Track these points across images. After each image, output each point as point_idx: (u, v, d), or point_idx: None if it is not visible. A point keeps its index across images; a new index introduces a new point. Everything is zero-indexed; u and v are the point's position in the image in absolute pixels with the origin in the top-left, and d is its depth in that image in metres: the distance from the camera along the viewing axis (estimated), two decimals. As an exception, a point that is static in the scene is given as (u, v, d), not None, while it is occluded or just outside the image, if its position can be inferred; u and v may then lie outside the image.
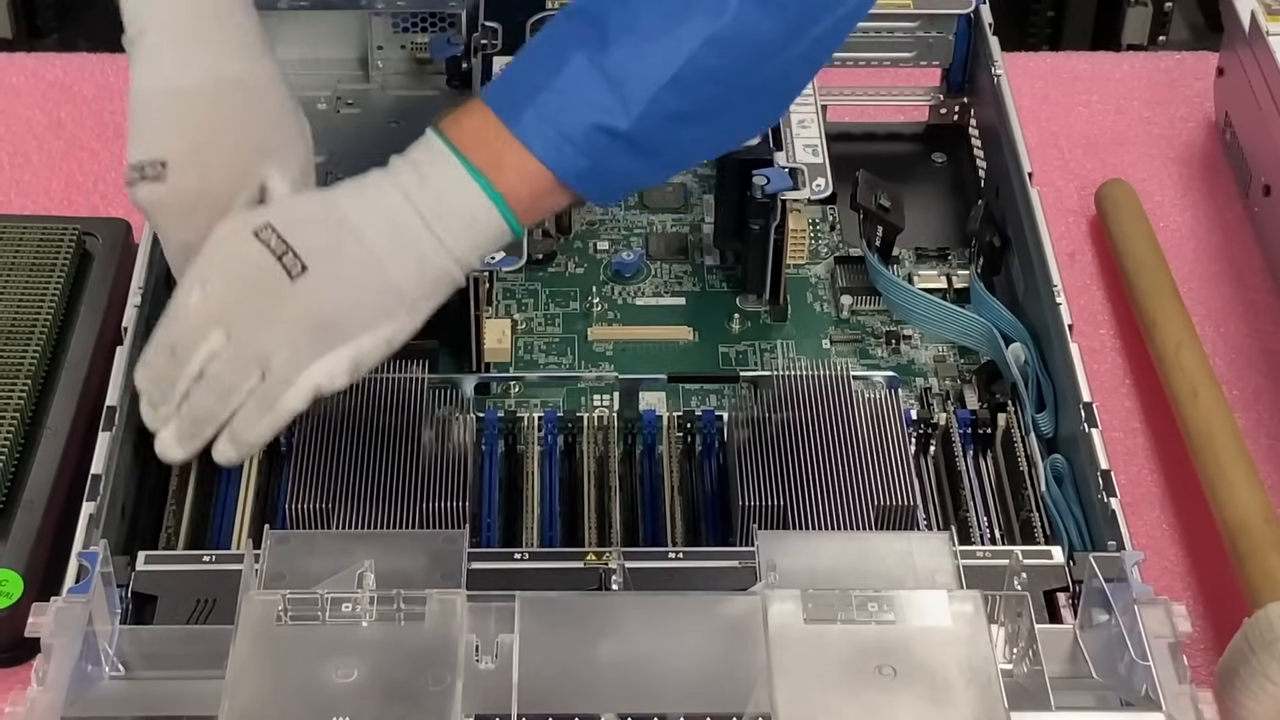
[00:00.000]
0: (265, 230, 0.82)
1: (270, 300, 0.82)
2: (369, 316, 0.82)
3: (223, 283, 0.83)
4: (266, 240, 0.82)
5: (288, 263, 0.82)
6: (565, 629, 0.77)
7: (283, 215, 0.83)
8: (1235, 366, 1.08)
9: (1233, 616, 0.86)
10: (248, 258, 0.82)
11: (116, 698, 0.78)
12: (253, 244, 0.82)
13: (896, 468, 0.91)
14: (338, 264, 0.83)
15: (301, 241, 0.82)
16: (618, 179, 0.85)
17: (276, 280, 0.82)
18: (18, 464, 0.94)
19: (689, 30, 0.81)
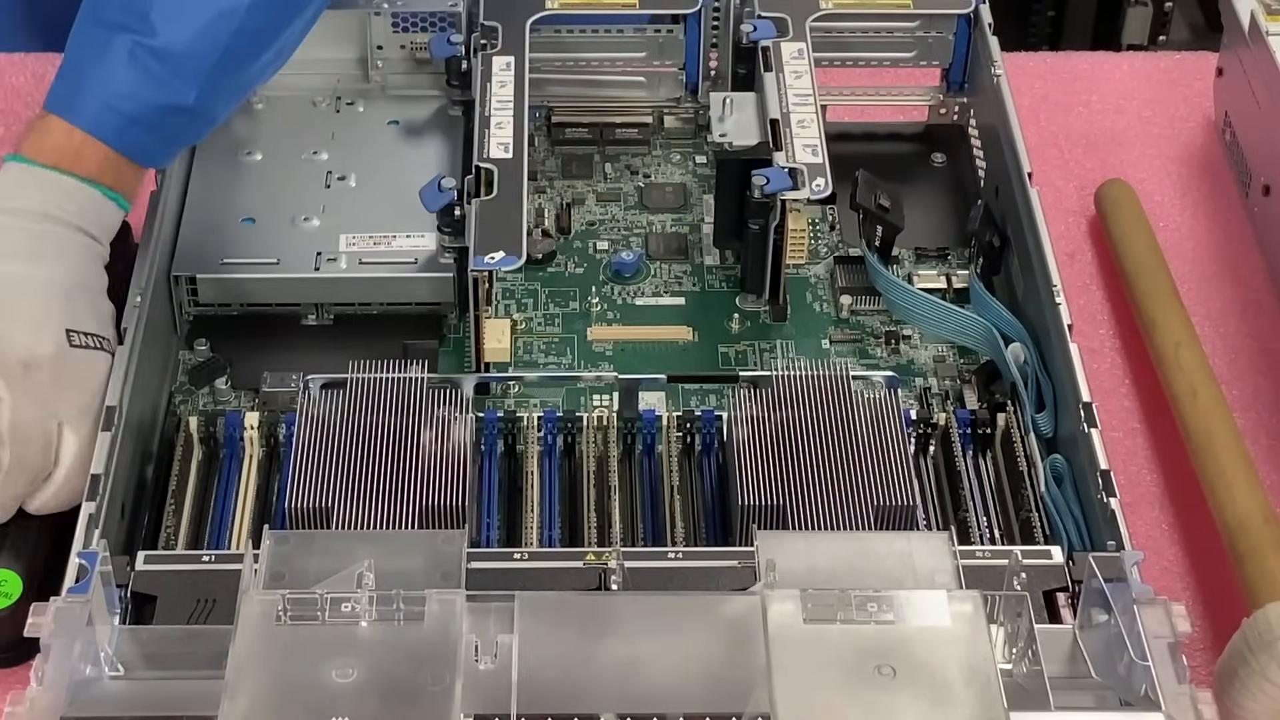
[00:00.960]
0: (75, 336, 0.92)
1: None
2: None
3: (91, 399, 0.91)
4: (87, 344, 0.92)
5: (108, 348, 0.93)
6: (565, 629, 0.77)
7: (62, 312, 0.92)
8: (1235, 366, 1.08)
9: (1232, 616, 0.86)
10: (94, 365, 0.92)
11: (116, 698, 0.78)
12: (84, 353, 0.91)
13: (896, 468, 0.91)
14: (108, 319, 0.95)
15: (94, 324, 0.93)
16: (179, 144, 1.02)
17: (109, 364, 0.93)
18: (17, 464, 0.94)
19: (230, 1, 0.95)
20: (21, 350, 0.90)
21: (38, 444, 0.89)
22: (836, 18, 1.15)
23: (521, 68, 1.10)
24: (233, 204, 1.07)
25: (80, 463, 0.90)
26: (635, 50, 1.18)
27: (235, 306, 1.05)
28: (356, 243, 1.05)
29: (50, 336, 0.91)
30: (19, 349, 0.90)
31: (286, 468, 0.92)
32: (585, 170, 1.18)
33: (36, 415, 0.89)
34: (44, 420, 0.90)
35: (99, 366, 0.92)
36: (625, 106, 1.20)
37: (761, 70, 1.09)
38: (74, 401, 0.91)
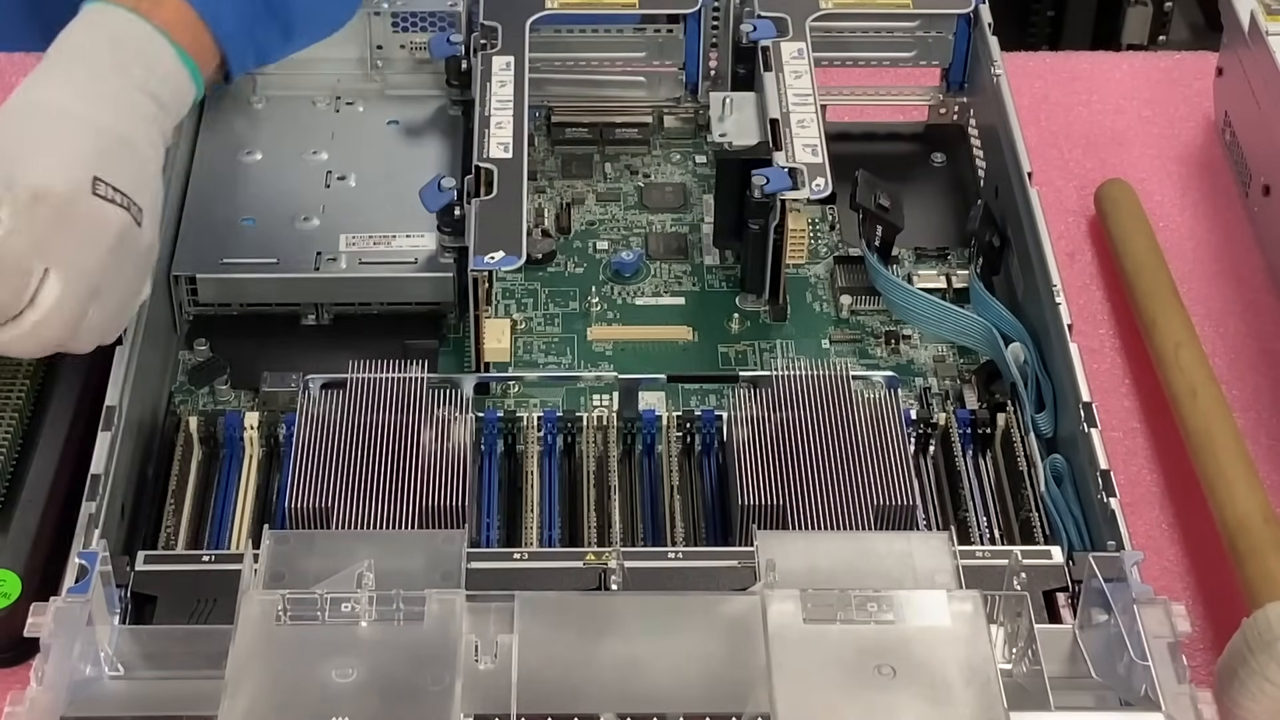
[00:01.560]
0: (99, 185, 0.84)
1: (130, 254, 0.86)
2: (160, 223, 0.90)
3: (94, 257, 0.85)
4: (109, 197, 0.84)
5: (134, 212, 0.86)
6: (565, 629, 0.78)
7: (92, 159, 0.84)
8: (1235, 366, 1.08)
9: (1232, 616, 0.86)
10: (106, 221, 0.85)
11: (116, 698, 0.78)
12: (99, 205, 0.84)
13: (896, 468, 0.91)
14: (146, 189, 0.87)
15: (124, 181, 0.85)
16: (254, 46, 0.95)
17: (131, 233, 0.86)
18: (17, 464, 0.94)
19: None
20: (35, 179, 0.84)
21: (12, 279, 0.84)
22: (836, 17, 1.15)
23: (521, 67, 1.10)
24: (233, 204, 1.07)
25: (57, 315, 0.84)
26: (635, 50, 1.18)
27: (235, 306, 1.05)
28: (356, 243, 1.05)
29: (70, 175, 0.85)
30: (32, 177, 0.84)
31: (286, 468, 0.92)
32: (585, 170, 1.18)
33: (22, 249, 0.83)
34: (29, 258, 0.84)
35: (114, 226, 0.86)
36: (625, 106, 1.20)
37: (761, 70, 1.09)
38: (72, 251, 0.84)
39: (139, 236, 0.88)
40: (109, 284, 0.87)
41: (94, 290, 0.86)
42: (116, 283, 0.88)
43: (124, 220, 0.87)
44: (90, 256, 0.85)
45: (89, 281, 0.86)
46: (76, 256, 0.85)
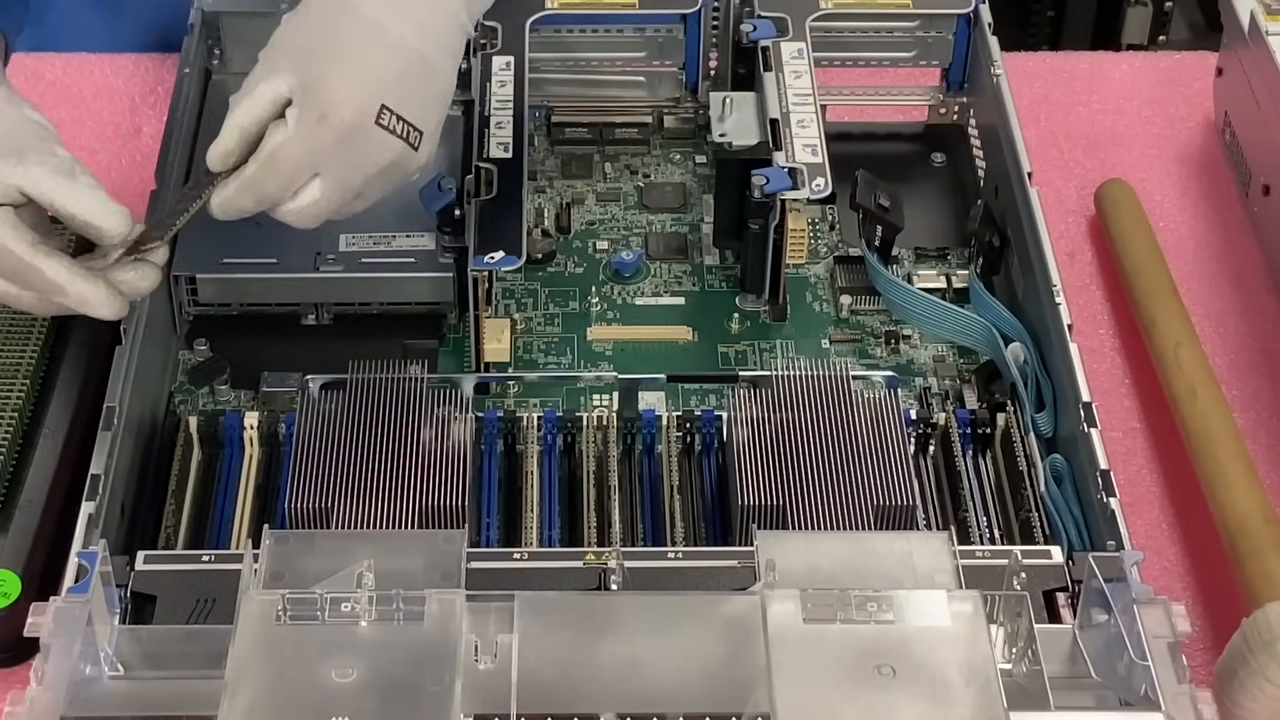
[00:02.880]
0: (384, 115, 0.88)
1: (399, 172, 0.91)
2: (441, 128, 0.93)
3: (362, 178, 0.90)
4: (391, 127, 0.89)
5: (411, 138, 0.90)
6: (565, 629, 0.78)
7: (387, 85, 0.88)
8: (1235, 366, 1.08)
9: (1232, 616, 0.86)
10: (382, 150, 0.89)
11: (116, 697, 0.78)
12: (380, 135, 0.89)
13: (896, 468, 0.91)
14: (435, 110, 0.92)
15: (411, 109, 0.89)
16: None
17: (406, 155, 0.90)
18: (16, 463, 0.94)
19: None
20: (326, 102, 0.88)
21: (282, 179, 0.89)
22: (836, 17, 1.15)
23: (521, 68, 1.10)
24: (233, 204, 1.07)
25: (310, 212, 0.90)
26: (635, 50, 1.18)
27: (235, 306, 1.05)
28: (356, 243, 1.05)
29: (358, 105, 0.88)
30: (327, 97, 0.88)
31: (286, 468, 0.92)
32: (585, 170, 1.18)
33: (298, 158, 0.89)
34: (302, 166, 0.89)
35: (389, 154, 0.90)
36: (625, 106, 1.20)
37: (761, 70, 1.09)
38: (343, 167, 0.90)
39: (412, 159, 0.92)
40: (373, 189, 0.92)
41: (355, 195, 0.92)
42: (381, 188, 0.93)
43: (399, 149, 0.90)
44: (358, 175, 0.90)
45: (350, 191, 0.91)
46: (345, 172, 0.90)
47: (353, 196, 0.92)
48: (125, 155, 1.20)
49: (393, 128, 0.89)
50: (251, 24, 1.15)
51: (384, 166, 0.91)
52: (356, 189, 0.91)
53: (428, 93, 0.92)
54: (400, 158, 0.91)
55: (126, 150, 1.20)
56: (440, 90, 0.93)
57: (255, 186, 0.89)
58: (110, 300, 0.90)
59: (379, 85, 0.89)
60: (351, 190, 0.91)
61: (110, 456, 0.89)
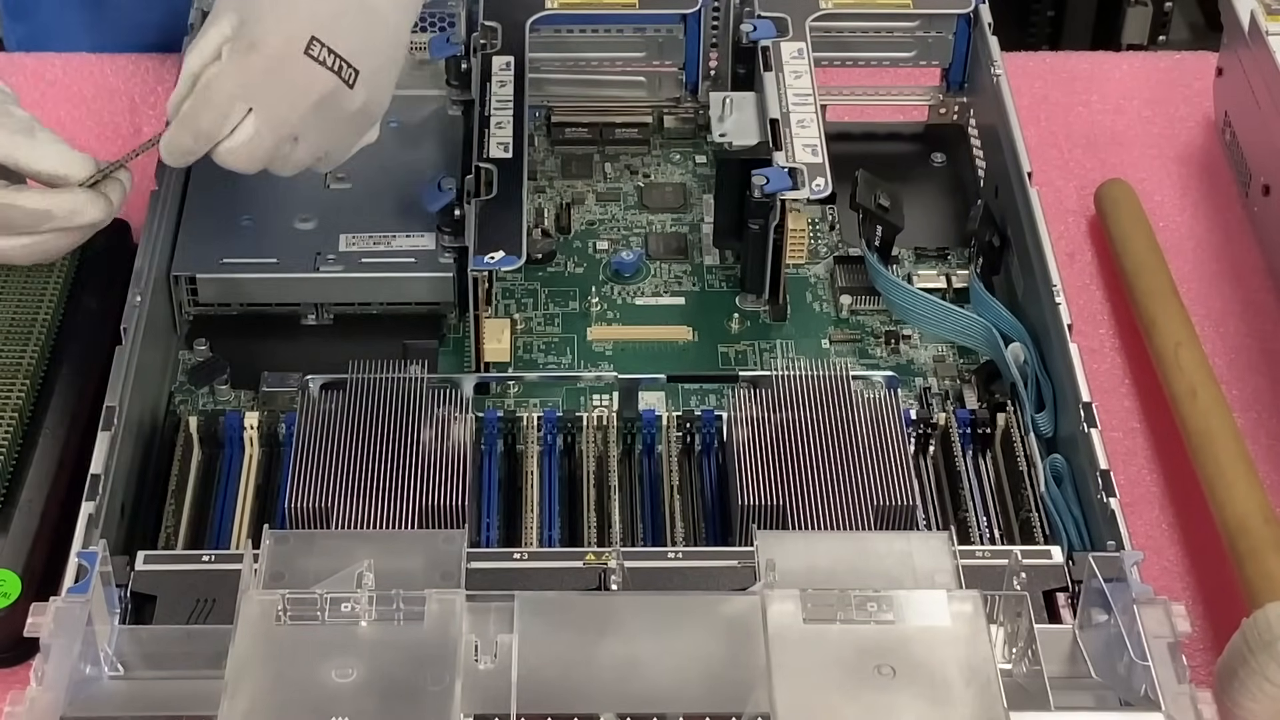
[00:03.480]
0: (314, 46, 0.89)
1: (335, 112, 0.91)
2: (393, 76, 0.94)
3: (290, 109, 0.90)
4: (320, 58, 0.89)
5: (345, 75, 0.90)
6: (565, 629, 0.78)
7: (319, 19, 0.89)
8: (1235, 366, 1.08)
9: (1232, 616, 0.86)
10: (311, 80, 0.89)
11: (116, 697, 0.78)
12: (308, 65, 0.89)
13: (896, 468, 0.91)
14: (376, 53, 0.92)
15: (344, 45, 0.90)
16: None
17: (339, 92, 0.90)
18: (16, 464, 0.94)
19: None
20: (255, 33, 0.89)
21: (214, 110, 0.89)
22: (836, 17, 1.15)
23: (521, 68, 1.10)
24: (233, 204, 1.07)
25: (245, 149, 0.90)
26: (635, 50, 1.18)
27: (235, 306, 1.05)
28: (356, 243, 1.05)
29: (285, 32, 0.89)
30: (254, 31, 0.89)
31: (286, 468, 0.92)
32: (585, 170, 1.18)
33: (229, 90, 0.89)
34: (233, 98, 0.89)
35: (318, 87, 0.90)
36: (625, 106, 1.20)
37: (761, 70, 1.09)
38: (273, 99, 0.90)
39: (348, 97, 0.91)
40: (311, 132, 0.92)
41: (291, 134, 0.91)
42: (321, 131, 0.93)
43: (330, 83, 0.90)
44: (288, 108, 0.90)
45: (285, 128, 0.91)
46: (276, 105, 0.90)
47: (289, 134, 0.91)
48: (125, 155, 1.20)
49: (323, 59, 0.90)
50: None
51: (316, 100, 0.90)
52: (291, 125, 0.91)
53: (368, 33, 0.92)
54: (333, 93, 0.91)
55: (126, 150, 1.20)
56: (383, 34, 0.93)
57: (190, 121, 0.90)
58: (95, 200, 0.93)
59: (310, 18, 0.90)
60: (286, 125, 0.90)
61: (110, 456, 0.89)
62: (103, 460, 0.88)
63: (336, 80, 0.90)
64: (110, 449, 0.89)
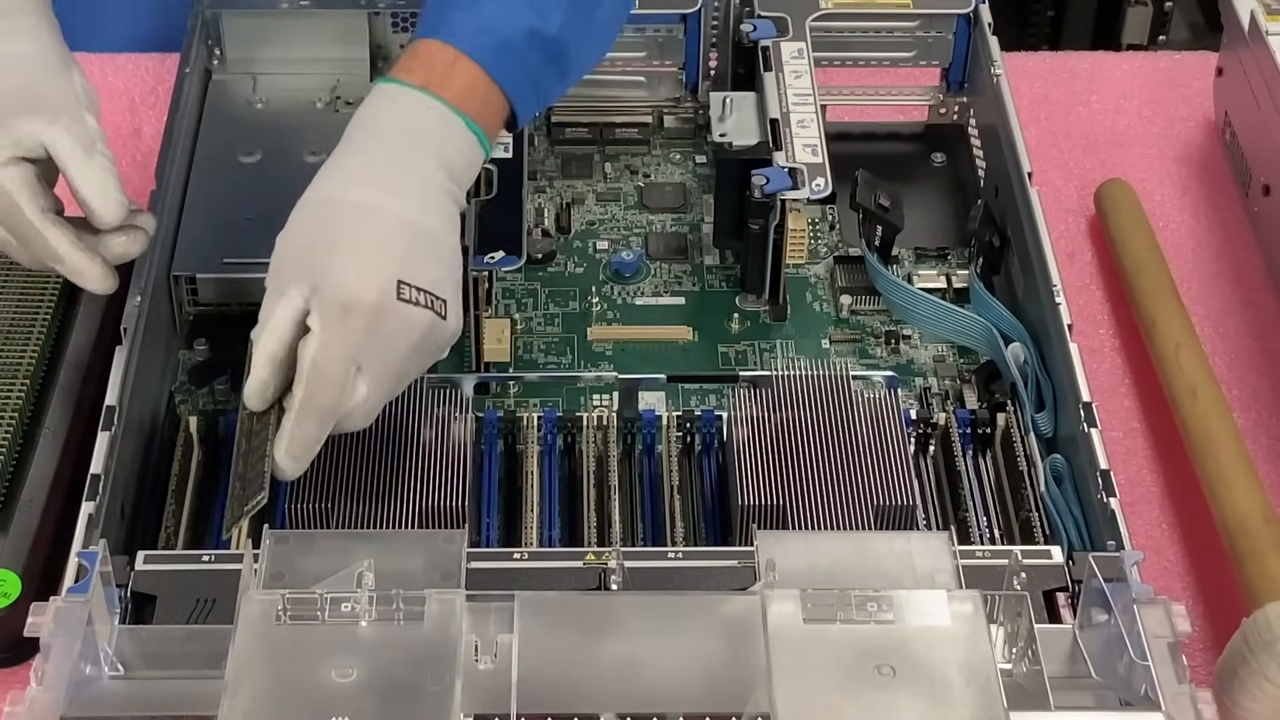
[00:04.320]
0: (404, 290, 0.85)
1: (432, 345, 0.88)
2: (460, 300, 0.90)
3: (402, 359, 0.87)
4: (413, 300, 0.86)
5: (437, 308, 0.87)
6: (565, 629, 0.78)
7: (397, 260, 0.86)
8: (1235, 366, 1.08)
9: (1232, 616, 0.86)
10: (412, 325, 0.86)
11: (116, 697, 0.78)
12: (405, 309, 0.85)
13: (896, 468, 0.91)
14: (451, 276, 0.88)
15: (426, 278, 0.87)
16: (538, 89, 0.94)
17: (436, 328, 0.87)
18: (16, 464, 0.94)
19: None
20: (345, 292, 0.85)
21: (335, 385, 0.85)
22: (836, 17, 1.15)
23: (521, 68, 1.10)
24: (233, 204, 1.07)
25: (364, 409, 0.86)
26: (635, 50, 1.18)
27: (235, 306, 1.05)
28: (356, 243, 1.05)
29: (378, 284, 0.85)
30: (343, 289, 0.85)
31: (286, 468, 0.92)
32: (585, 170, 1.18)
33: (338, 358, 0.85)
34: (347, 363, 0.85)
35: (419, 328, 0.86)
36: (625, 106, 1.20)
37: (761, 70, 1.09)
38: (381, 353, 0.86)
39: (443, 329, 0.88)
40: (412, 370, 0.89)
41: (400, 380, 0.89)
42: (420, 366, 0.90)
43: (427, 320, 0.86)
44: (396, 356, 0.87)
45: (395, 377, 0.87)
46: (384, 357, 0.86)
47: (401, 383, 0.89)
48: (125, 155, 1.20)
49: (415, 300, 0.86)
50: (251, 24, 1.16)
51: (417, 341, 0.87)
52: (398, 371, 0.87)
53: (438, 261, 0.88)
54: (431, 328, 0.87)
55: (126, 150, 1.20)
56: (449, 257, 0.89)
57: (312, 405, 0.85)
58: (104, 277, 0.92)
59: (389, 262, 0.86)
60: (395, 374, 0.87)
61: (110, 456, 0.89)
62: (103, 460, 0.88)
63: (431, 315, 0.86)
64: (110, 449, 0.89)
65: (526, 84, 0.92)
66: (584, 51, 0.96)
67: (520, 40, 0.91)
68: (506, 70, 0.91)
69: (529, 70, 0.92)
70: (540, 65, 0.92)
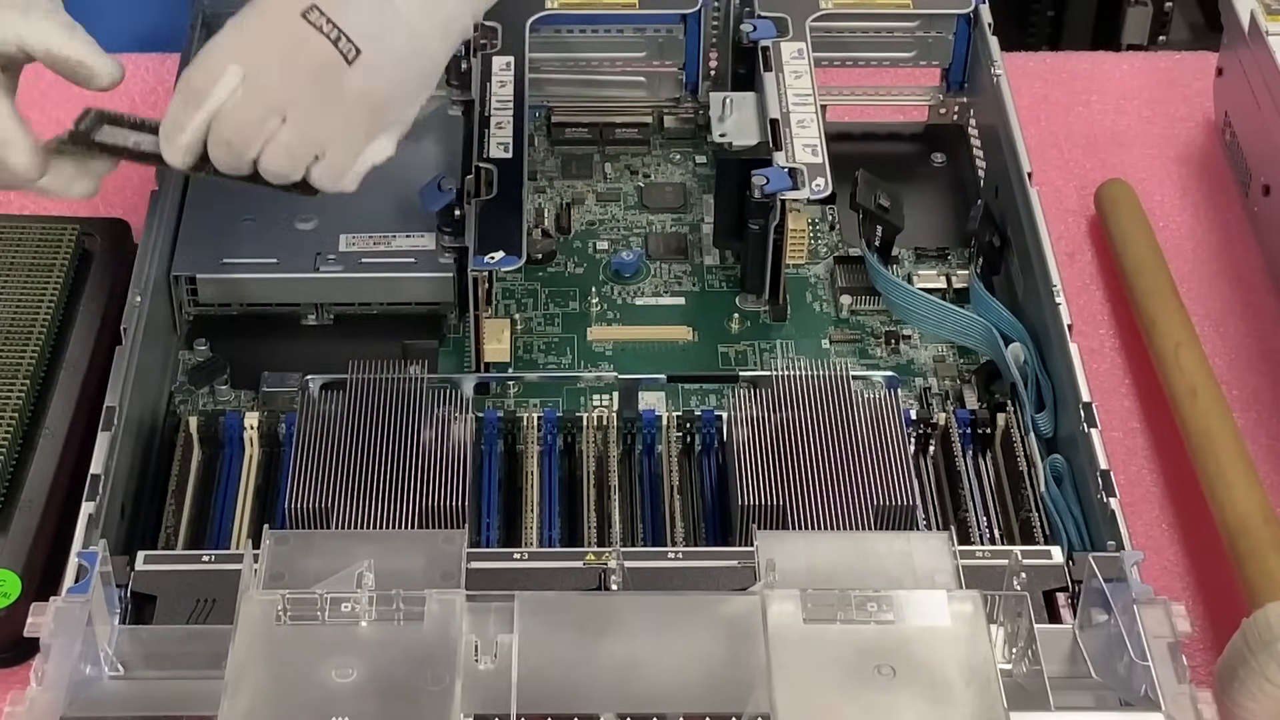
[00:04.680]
0: (313, 12, 0.83)
1: (329, 87, 0.84)
2: (413, 89, 0.87)
3: (280, 71, 0.84)
4: (318, 24, 0.83)
5: (343, 47, 0.84)
6: (565, 629, 0.78)
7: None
8: (1235, 366, 1.08)
9: (1232, 616, 0.86)
10: (304, 43, 0.83)
11: (116, 697, 0.78)
12: (305, 28, 0.83)
13: (896, 468, 0.91)
14: (385, 43, 0.85)
15: (349, 22, 0.84)
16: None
17: (335, 66, 0.83)
18: (16, 464, 0.94)
19: None
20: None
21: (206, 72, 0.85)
22: (836, 18, 1.15)
23: (521, 68, 1.10)
24: (233, 204, 1.07)
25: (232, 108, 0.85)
26: (635, 50, 1.18)
27: (235, 306, 1.05)
28: (356, 243, 1.05)
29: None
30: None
31: (286, 468, 0.92)
32: (585, 170, 1.18)
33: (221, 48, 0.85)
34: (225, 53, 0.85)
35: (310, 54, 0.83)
36: (625, 106, 1.20)
37: (761, 70, 1.09)
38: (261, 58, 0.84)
39: (345, 77, 0.84)
40: (301, 108, 0.85)
41: (279, 104, 0.85)
42: (311, 111, 0.85)
43: (325, 52, 0.84)
44: (278, 70, 0.84)
45: (271, 93, 0.85)
46: (265, 65, 0.84)
47: (276, 101, 0.85)
48: (125, 155, 1.20)
49: (319, 24, 0.84)
50: (251, 24, 1.15)
51: (309, 70, 0.84)
52: (276, 94, 0.84)
53: (379, 21, 0.85)
54: (328, 65, 0.84)
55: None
56: (399, 31, 0.86)
57: (183, 85, 0.86)
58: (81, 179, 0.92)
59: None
60: (272, 90, 0.84)
61: (110, 456, 0.89)
62: (103, 460, 0.88)
63: (333, 51, 0.83)
64: (110, 449, 0.89)
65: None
66: None
67: None
68: None
69: None
70: None
